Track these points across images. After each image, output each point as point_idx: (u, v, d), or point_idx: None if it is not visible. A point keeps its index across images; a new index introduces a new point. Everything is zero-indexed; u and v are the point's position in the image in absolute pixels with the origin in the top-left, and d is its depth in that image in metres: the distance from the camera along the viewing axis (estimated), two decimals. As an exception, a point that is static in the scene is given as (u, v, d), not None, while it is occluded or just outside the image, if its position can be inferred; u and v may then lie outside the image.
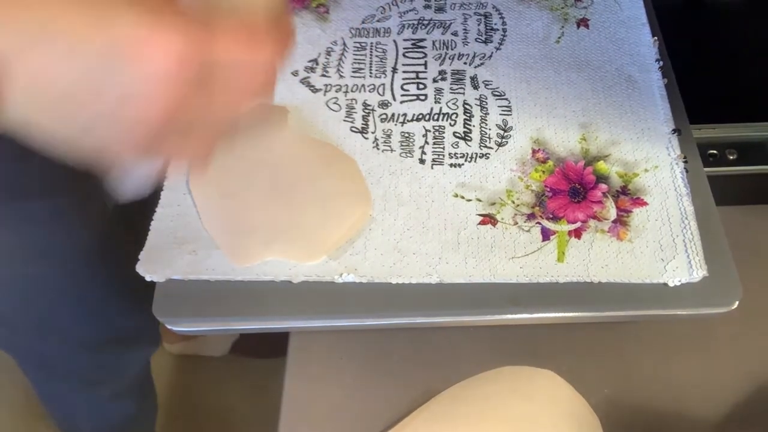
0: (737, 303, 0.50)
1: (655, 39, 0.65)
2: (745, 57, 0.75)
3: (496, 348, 0.55)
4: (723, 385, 0.53)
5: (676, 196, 0.55)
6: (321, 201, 0.55)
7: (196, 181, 0.57)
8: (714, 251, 0.52)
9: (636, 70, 0.64)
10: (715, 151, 0.63)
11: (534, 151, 0.58)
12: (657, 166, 0.57)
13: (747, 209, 0.62)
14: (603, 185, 0.55)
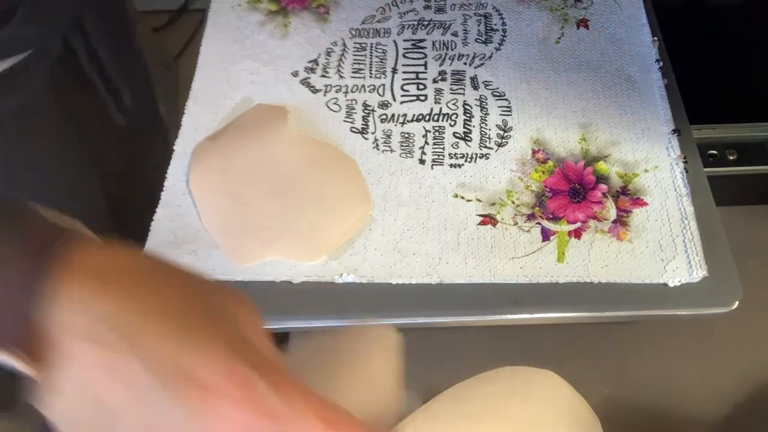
0: (737, 303, 0.50)
1: (655, 39, 0.65)
2: (745, 57, 0.75)
3: (496, 348, 0.55)
4: (723, 385, 0.53)
5: (676, 196, 0.55)
6: (321, 201, 0.55)
7: (196, 182, 0.57)
8: (714, 251, 0.52)
9: (636, 70, 0.64)
10: (715, 151, 0.63)
11: (534, 152, 0.58)
12: (657, 166, 0.57)
13: (747, 209, 0.62)
14: (603, 185, 0.55)
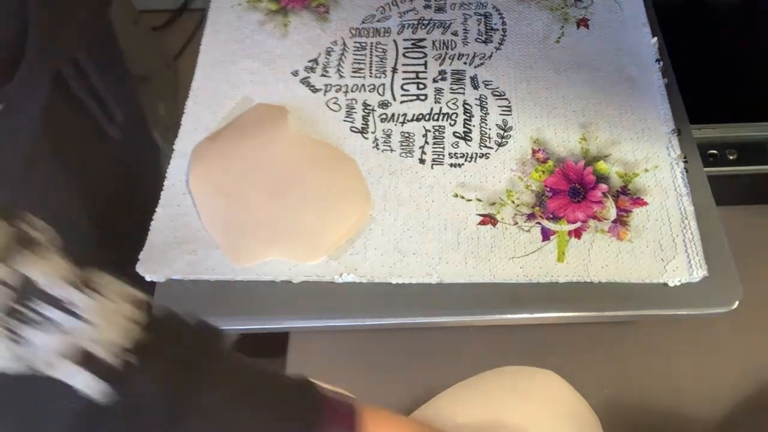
0: (737, 303, 0.50)
1: (655, 39, 0.65)
2: (745, 57, 0.75)
3: (496, 348, 0.55)
4: (723, 385, 0.53)
5: (676, 196, 0.55)
6: (321, 201, 0.55)
7: (196, 181, 0.57)
8: (714, 251, 0.52)
9: (636, 70, 0.64)
10: (715, 151, 0.63)
11: (534, 151, 0.58)
12: (657, 166, 0.57)
13: (747, 209, 0.62)
14: (603, 185, 0.55)
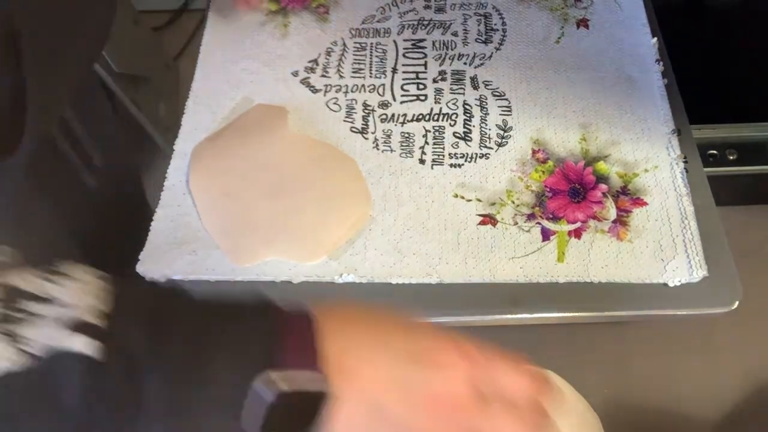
0: (737, 303, 0.50)
1: (655, 39, 0.65)
2: (745, 57, 0.75)
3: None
4: (723, 385, 0.53)
5: (676, 196, 0.55)
6: (321, 201, 0.55)
7: (196, 182, 0.57)
8: (714, 251, 0.52)
9: (636, 70, 0.64)
10: (715, 151, 0.63)
11: (534, 152, 0.58)
12: (657, 166, 0.57)
13: (747, 209, 0.62)
14: (603, 185, 0.55)
